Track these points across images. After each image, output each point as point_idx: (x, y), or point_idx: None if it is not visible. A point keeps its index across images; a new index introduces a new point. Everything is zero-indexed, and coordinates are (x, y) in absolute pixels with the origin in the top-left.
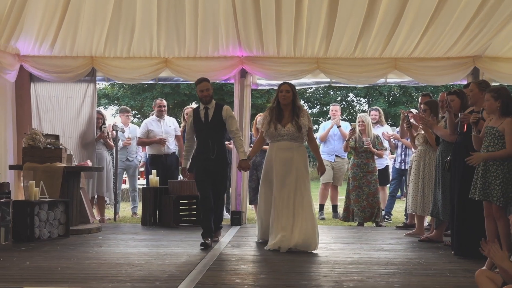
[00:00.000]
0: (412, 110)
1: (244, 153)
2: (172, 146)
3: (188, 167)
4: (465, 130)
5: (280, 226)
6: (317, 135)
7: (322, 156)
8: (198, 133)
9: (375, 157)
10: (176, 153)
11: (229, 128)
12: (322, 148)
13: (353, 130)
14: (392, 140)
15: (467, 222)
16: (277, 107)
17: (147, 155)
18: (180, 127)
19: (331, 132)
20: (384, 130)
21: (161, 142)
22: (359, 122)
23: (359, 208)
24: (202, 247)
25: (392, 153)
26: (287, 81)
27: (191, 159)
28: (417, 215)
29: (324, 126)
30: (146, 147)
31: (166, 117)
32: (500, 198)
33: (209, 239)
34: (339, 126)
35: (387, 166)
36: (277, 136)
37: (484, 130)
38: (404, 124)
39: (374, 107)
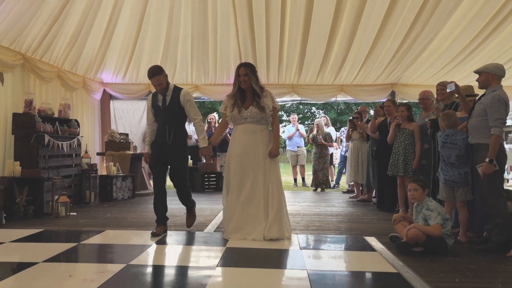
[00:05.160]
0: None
1: (204, 139)
2: None
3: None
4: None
5: (245, 216)
6: (284, 136)
7: (288, 148)
8: (156, 118)
9: (328, 147)
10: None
11: (188, 114)
12: (287, 143)
13: (311, 129)
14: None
15: (387, 188)
16: (238, 91)
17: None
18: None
19: (293, 132)
20: (329, 130)
21: (188, 137)
22: (316, 125)
23: (318, 179)
24: (152, 236)
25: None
26: (245, 62)
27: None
28: (356, 184)
29: (288, 129)
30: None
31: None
32: (410, 172)
33: (160, 228)
34: (298, 130)
35: (332, 153)
36: (240, 119)
37: (395, 128)
38: (350, 127)
39: (323, 115)
